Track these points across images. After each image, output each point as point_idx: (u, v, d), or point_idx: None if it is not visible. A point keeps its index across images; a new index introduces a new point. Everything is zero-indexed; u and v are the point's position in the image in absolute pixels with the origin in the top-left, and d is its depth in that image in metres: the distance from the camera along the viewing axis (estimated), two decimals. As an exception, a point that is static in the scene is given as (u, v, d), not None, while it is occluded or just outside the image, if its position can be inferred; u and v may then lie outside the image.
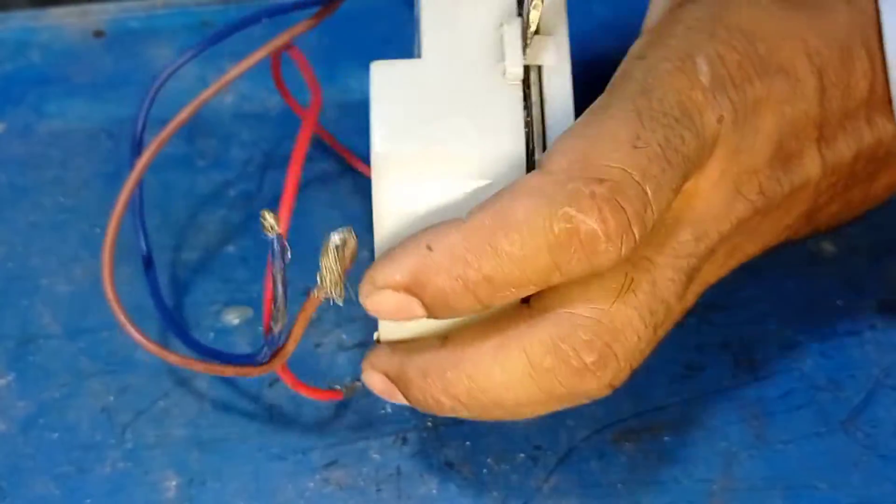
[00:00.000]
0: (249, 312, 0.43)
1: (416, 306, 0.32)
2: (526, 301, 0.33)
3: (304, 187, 0.47)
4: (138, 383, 0.41)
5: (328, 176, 0.47)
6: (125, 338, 0.42)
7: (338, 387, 0.38)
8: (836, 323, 0.42)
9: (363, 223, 0.46)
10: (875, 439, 0.39)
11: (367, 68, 0.34)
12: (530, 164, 0.33)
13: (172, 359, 0.36)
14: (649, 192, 0.31)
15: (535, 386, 0.33)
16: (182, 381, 0.41)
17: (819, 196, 0.36)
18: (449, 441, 0.39)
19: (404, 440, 0.39)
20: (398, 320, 0.34)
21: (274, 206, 0.45)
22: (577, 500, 0.38)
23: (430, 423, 0.40)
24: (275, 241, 0.32)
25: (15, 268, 0.45)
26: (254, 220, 0.40)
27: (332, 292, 0.32)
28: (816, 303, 0.42)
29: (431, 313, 0.32)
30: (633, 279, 0.32)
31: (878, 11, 0.36)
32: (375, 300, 0.33)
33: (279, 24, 0.38)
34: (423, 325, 0.35)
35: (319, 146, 0.48)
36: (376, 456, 0.39)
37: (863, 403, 0.40)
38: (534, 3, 0.32)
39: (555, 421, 0.39)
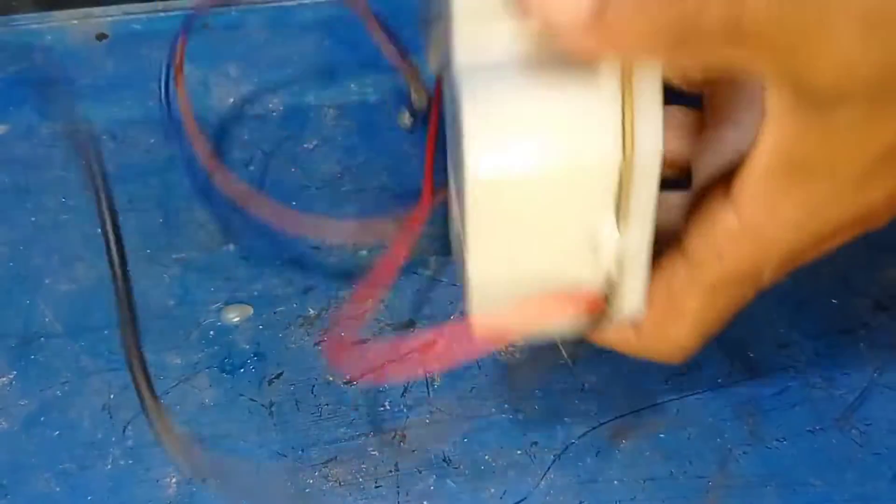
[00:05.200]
0: (249, 311, 0.43)
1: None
2: None
3: (303, 188, 0.47)
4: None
5: (328, 177, 0.48)
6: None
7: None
8: (831, 321, 0.42)
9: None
10: (869, 437, 0.39)
11: (364, 70, 0.35)
12: None
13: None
14: None
15: None
16: (183, 378, 0.41)
17: None
18: (447, 437, 0.39)
19: (403, 437, 0.40)
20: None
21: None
22: (574, 496, 0.38)
23: (427, 421, 0.40)
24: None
25: (17, 267, 0.45)
26: (253, 219, 0.41)
27: None
28: (811, 301, 0.42)
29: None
30: None
31: None
32: None
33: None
34: None
35: (320, 148, 0.49)
36: (375, 453, 0.39)
37: (857, 401, 0.40)
38: None
39: (552, 417, 0.40)
